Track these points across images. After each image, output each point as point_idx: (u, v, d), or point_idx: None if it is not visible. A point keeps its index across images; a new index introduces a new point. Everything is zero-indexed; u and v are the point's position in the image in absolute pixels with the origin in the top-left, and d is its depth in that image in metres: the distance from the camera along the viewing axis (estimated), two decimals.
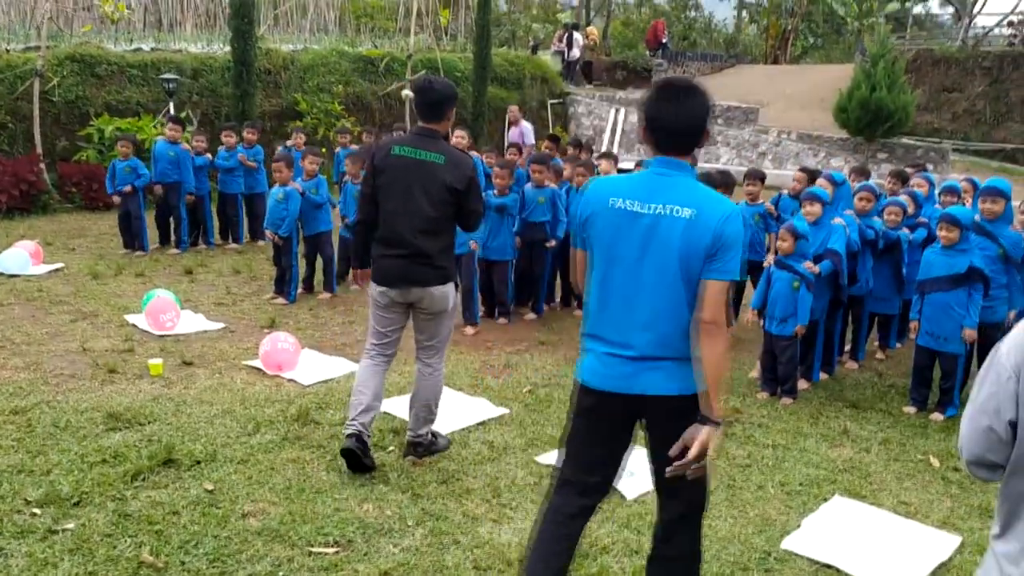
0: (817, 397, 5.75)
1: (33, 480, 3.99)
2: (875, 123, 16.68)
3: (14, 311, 6.94)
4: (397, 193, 4.05)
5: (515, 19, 34.00)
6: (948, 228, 5.33)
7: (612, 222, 2.68)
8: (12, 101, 11.71)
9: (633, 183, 2.72)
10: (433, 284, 4.12)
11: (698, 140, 2.69)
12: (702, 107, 2.67)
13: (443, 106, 4.09)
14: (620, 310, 2.69)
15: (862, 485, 4.41)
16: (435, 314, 4.23)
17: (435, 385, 4.36)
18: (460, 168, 4.06)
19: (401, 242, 4.07)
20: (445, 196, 4.03)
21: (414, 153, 4.05)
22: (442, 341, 4.36)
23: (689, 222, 2.57)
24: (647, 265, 2.63)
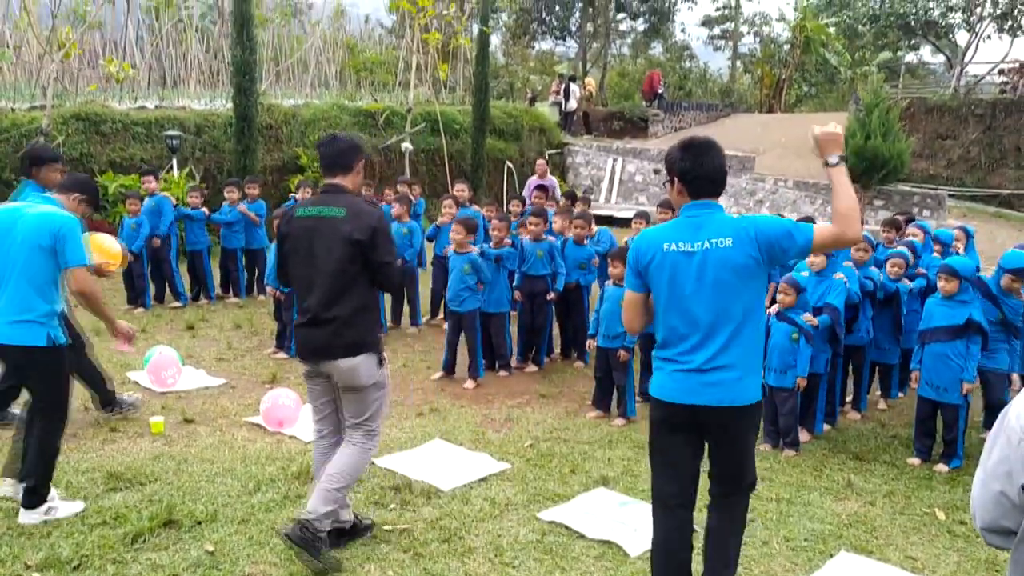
0: (820, 449, 5.72)
1: (33, 543, 3.96)
2: (871, 170, 16.84)
3: None
4: (301, 257, 3.77)
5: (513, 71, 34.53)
6: (947, 279, 5.37)
7: (670, 263, 3.14)
8: (17, 159, 11.84)
9: (678, 228, 3.19)
10: (340, 356, 3.71)
11: (724, 186, 3.22)
12: (722, 158, 3.21)
13: (346, 158, 3.83)
14: (686, 332, 3.14)
15: (868, 540, 4.37)
16: (351, 389, 3.81)
17: (352, 455, 3.82)
18: (362, 218, 3.69)
19: (307, 309, 3.77)
20: (347, 251, 3.66)
21: (316, 212, 3.76)
22: (369, 420, 3.88)
23: (733, 248, 3.07)
24: (705, 291, 3.08)
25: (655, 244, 3.19)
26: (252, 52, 13.45)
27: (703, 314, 3.10)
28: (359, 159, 3.87)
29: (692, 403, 3.14)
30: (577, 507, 4.58)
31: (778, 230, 3.08)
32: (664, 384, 3.21)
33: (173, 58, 17.17)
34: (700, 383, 3.11)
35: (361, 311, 3.76)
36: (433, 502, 4.61)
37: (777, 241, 3.05)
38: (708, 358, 3.10)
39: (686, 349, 3.15)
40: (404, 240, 8.65)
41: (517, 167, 18.71)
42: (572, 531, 4.29)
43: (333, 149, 3.83)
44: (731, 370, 3.10)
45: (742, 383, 3.12)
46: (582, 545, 4.15)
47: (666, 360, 3.22)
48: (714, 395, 3.10)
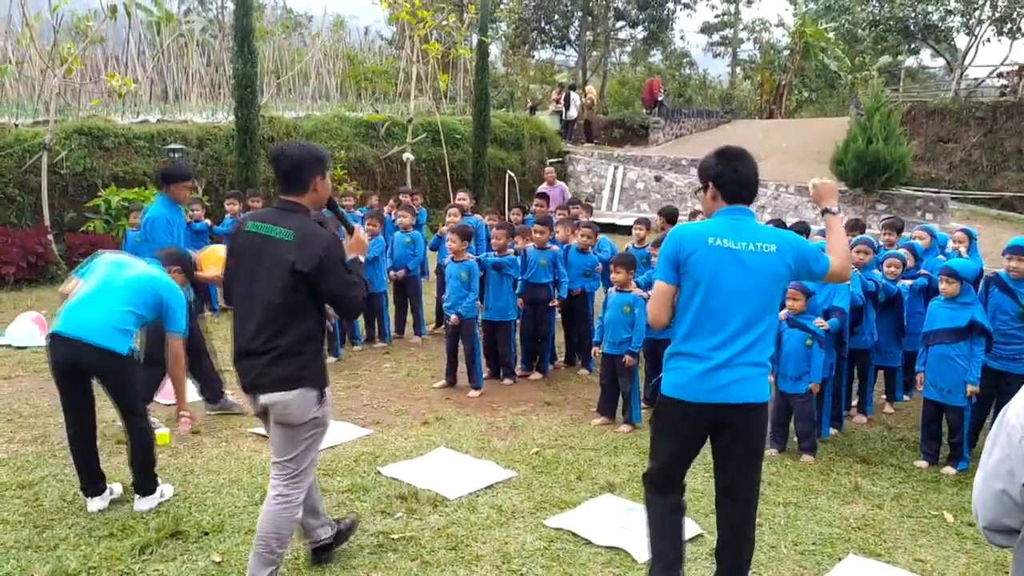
0: (827, 453, 5.71)
1: (40, 556, 3.96)
2: (873, 174, 16.85)
3: (22, 383, 6.95)
4: (243, 277, 3.43)
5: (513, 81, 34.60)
6: (948, 281, 5.37)
7: (714, 257, 3.21)
8: (20, 174, 11.89)
9: (720, 226, 3.27)
10: (273, 390, 3.36)
11: (756, 192, 3.37)
12: (755, 166, 3.36)
13: (300, 174, 3.42)
14: (716, 328, 3.22)
15: (876, 543, 4.36)
16: (283, 426, 3.45)
17: (277, 515, 3.46)
18: (309, 247, 3.29)
19: (244, 338, 3.43)
20: (288, 281, 3.29)
21: (264, 230, 3.39)
22: (295, 462, 3.48)
23: (776, 254, 3.24)
24: (745, 289, 3.20)
25: (699, 237, 3.25)
26: (253, 65, 13.50)
27: (738, 312, 3.20)
28: (314, 176, 3.42)
29: (715, 401, 3.22)
30: (584, 514, 4.57)
31: (810, 252, 3.34)
32: (682, 383, 3.28)
33: (174, 72, 17.24)
34: (724, 381, 3.20)
35: (302, 342, 3.39)
36: (439, 510, 4.61)
37: (808, 261, 3.31)
38: (734, 355, 3.20)
39: (714, 345, 3.22)
40: (407, 249, 8.68)
41: (518, 176, 18.74)
42: (579, 538, 4.28)
43: (283, 166, 3.43)
44: (753, 368, 3.23)
45: (761, 381, 3.27)
46: (589, 552, 4.14)
47: (688, 355, 3.27)
48: (738, 392, 3.21)
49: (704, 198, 3.38)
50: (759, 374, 3.26)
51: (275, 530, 3.46)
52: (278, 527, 3.46)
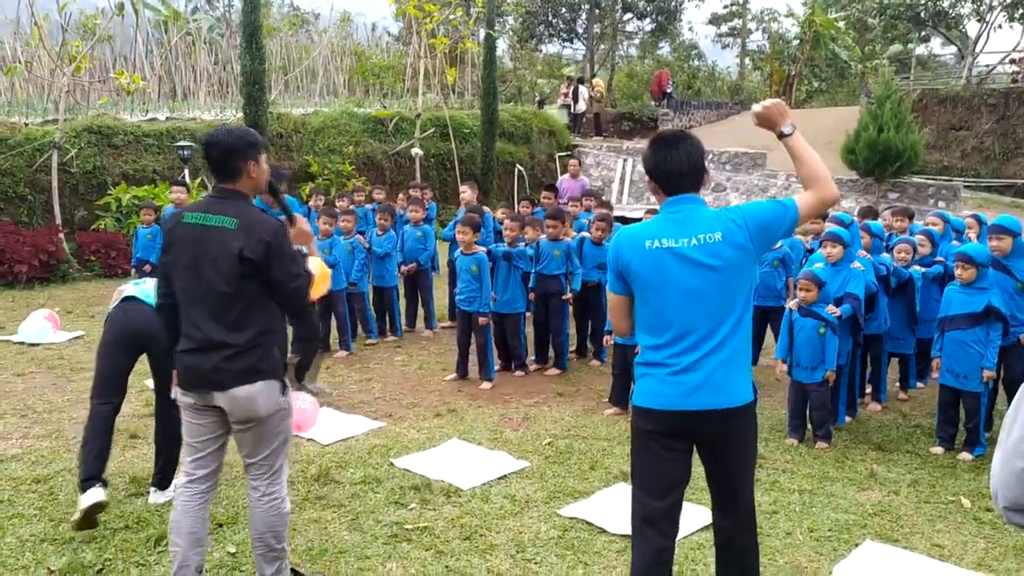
0: (842, 440, 5.67)
1: (56, 549, 3.97)
2: (884, 163, 16.71)
3: (35, 379, 6.98)
4: (184, 271, 3.24)
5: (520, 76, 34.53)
6: (963, 266, 5.32)
7: (654, 261, 2.94)
8: (31, 173, 11.96)
9: (658, 226, 2.99)
10: (233, 384, 3.20)
11: (699, 180, 3.00)
12: (692, 151, 2.98)
13: (231, 161, 3.26)
14: (678, 335, 2.93)
15: (893, 529, 4.33)
16: (248, 423, 3.28)
17: (268, 515, 3.37)
18: (255, 233, 3.16)
19: (193, 332, 3.24)
20: (237, 269, 3.15)
21: (203, 219, 3.22)
22: (271, 458, 3.37)
23: (723, 242, 2.89)
24: (697, 289, 2.89)
25: (635, 243, 2.98)
26: (261, 62, 13.53)
27: (694, 314, 2.90)
28: (247, 160, 3.26)
29: (687, 408, 2.92)
30: (597, 503, 4.56)
31: (767, 212, 2.95)
32: (653, 391, 2.98)
33: (182, 70, 17.29)
34: (694, 386, 2.90)
35: (261, 335, 3.25)
36: (453, 501, 4.60)
37: (768, 223, 2.93)
38: (700, 359, 2.90)
39: (677, 352, 2.93)
40: (418, 243, 8.67)
41: (527, 170, 18.71)
42: (593, 526, 4.27)
43: (212, 154, 3.28)
44: (726, 371, 2.92)
45: (737, 383, 2.94)
46: (604, 540, 4.13)
47: (654, 365, 2.99)
48: (710, 398, 2.91)
49: (650, 190, 3.11)
50: (735, 376, 2.94)
51: (269, 529, 3.39)
52: (271, 526, 3.39)
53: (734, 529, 3.11)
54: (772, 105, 3.06)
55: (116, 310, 4.44)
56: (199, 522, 3.37)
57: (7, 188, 11.81)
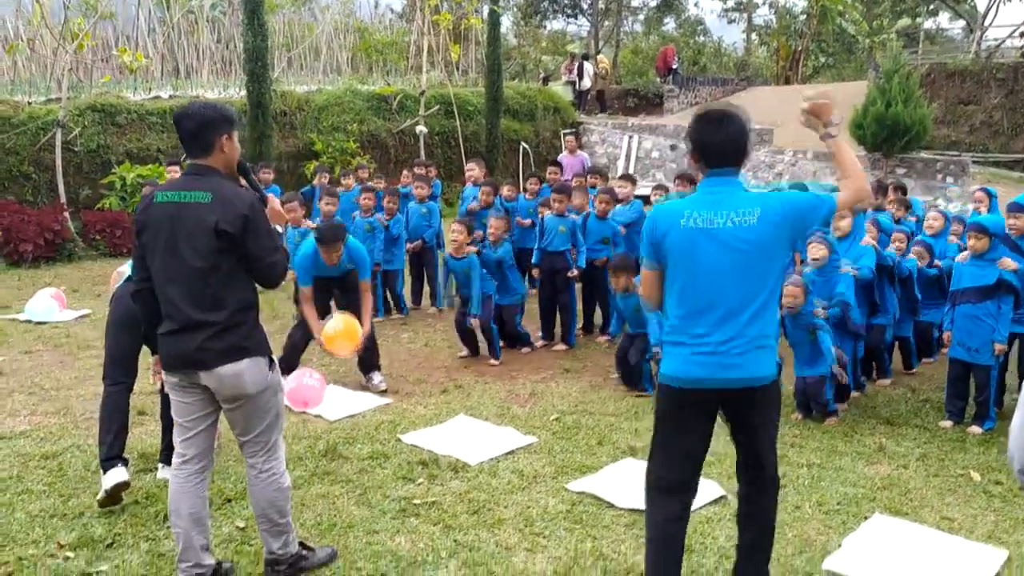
0: (850, 415, 5.65)
1: (66, 524, 3.99)
2: (892, 138, 16.60)
3: (43, 357, 6.99)
4: (161, 251, 3.17)
5: (524, 52, 34.31)
6: (977, 237, 5.27)
7: (689, 239, 2.98)
8: (35, 152, 11.92)
9: (696, 202, 3.04)
10: (217, 363, 3.15)
11: (741, 157, 3.06)
12: (740, 128, 3.04)
13: (205, 135, 3.20)
14: (706, 312, 2.98)
15: (902, 502, 4.31)
16: (236, 401, 3.25)
17: (268, 491, 3.35)
18: (231, 206, 3.11)
19: (173, 313, 3.19)
20: (214, 243, 3.10)
21: (177, 197, 3.17)
22: (265, 435, 3.34)
23: (758, 224, 2.94)
24: (729, 268, 2.94)
25: (671, 218, 3.03)
26: (264, 39, 13.42)
27: (725, 293, 2.95)
28: (219, 135, 3.20)
29: (713, 385, 2.99)
30: (605, 477, 4.55)
31: (805, 203, 3.05)
32: (680, 367, 3.03)
33: (185, 48, 17.18)
34: (721, 363, 2.96)
35: (241, 311, 3.21)
36: (460, 476, 4.60)
37: (805, 214, 3.02)
38: (729, 337, 2.95)
39: (705, 329, 2.98)
40: (423, 220, 8.63)
41: (532, 147, 18.61)
42: (601, 501, 4.26)
43: (186, 127, 3.21)
44: (752, 349, 2.97)
45: (762, 361, 3.00)
46: (612, 514, 4.12)
47: (680, 343, 3.04)
48: (736, 374, 2.96)
49: (691, 164, 3.22)
50: (759, 353, 2.99)
51: (271, 504, 3.37)
52: (272, 501, 3.37)
53: (757, 494, 3.20)
54: (823, 102, 3.14)
55: (121, 290, 4.43)
56: (198, 501, 3.35)
57: (11, 167, 11.78)
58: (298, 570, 3.50)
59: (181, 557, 3.33)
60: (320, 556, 3.60)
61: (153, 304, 3.27)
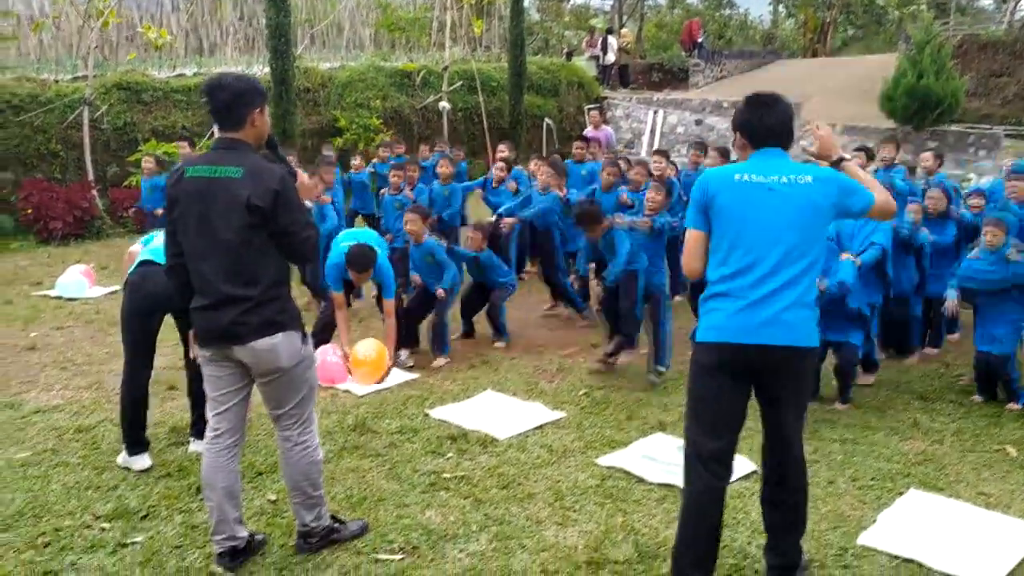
0: (883, 390, 5.58)
1: (101, 495, 4.03)
2: (924, 111, 16.29)
3: (74, 333, 7.06)
4: (193, 226, 3.15)
5: (547, 27, 34.00)
6: (994, 233, 5.15)
7: (743, 192, 3.00)
8: (63, 130, 11.99)
9: (748, 165, 3.06)
10: (252, 337, 3.14)
11: (788, 139, 3.10)
12: (786, 113, 3.11)
13: (238, 108, 3.15)
14: (753, 265, 2.96)
15: (938, 477, 4.26)
16: (270, 375, 3.25)
17: (302, 464, 3.38)
18: (262, 180, 3.08)
19: (206, 288, 3.17)
20: (246, 218, 3.07)
21: (208, 172, 3.13)
22: (300, 407, 3.35)
23: (813, 184, 2.98)
24: (780, 223, 2.94)
25: (724, 176, 3.07)
26: (287, 15, 13.36)
27: (774, 247, 2.94)
28: (251, 110, 3.16)
29: (752, 342, 2.93)
30: (635, 452, 4.53)
31: (849, 185, 3.06)
32: (718, 325, 3.00)
33: (208, 25, 17.19)
34: (762, 321, 2.91)
35: (274, 285, 3.19)
36: (490, 450, 4.59)
37: (851, 193, 3.03)
38: (773, 293, 2.92)
39: (750, 283, 2.95)
40: (445, 201, 8.48)
41: (556, 123, 18.47)
42: (631, 475, 4.24)
43: (219, 98, 3.14)
44: (796, 309, 2.93)
45: (804, 324, 2.96)
46: (642, 489, 4.10)
47: (723, 296, 3.00)
48: (778, 334, 2.92)
49: (735, 145, 3.23)
50: (804, 317, 2.95)
51: (304, 477, 3.39)
52: (306, 474, 3.39)
53: (784, 476, 3.15)
54: (826, 135, 3.22)
55: (135, 276, 4.36)
56: (231, 476, 3.35)
57: (40, 145, 11.87)
58: (330, 542, 3.52)
59: (215, 530, 3.35)
60: (352, 529, 3.62)
61: (186, 279, 3.25)
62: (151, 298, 4.27)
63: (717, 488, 3.07)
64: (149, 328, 4.37)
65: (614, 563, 3.42)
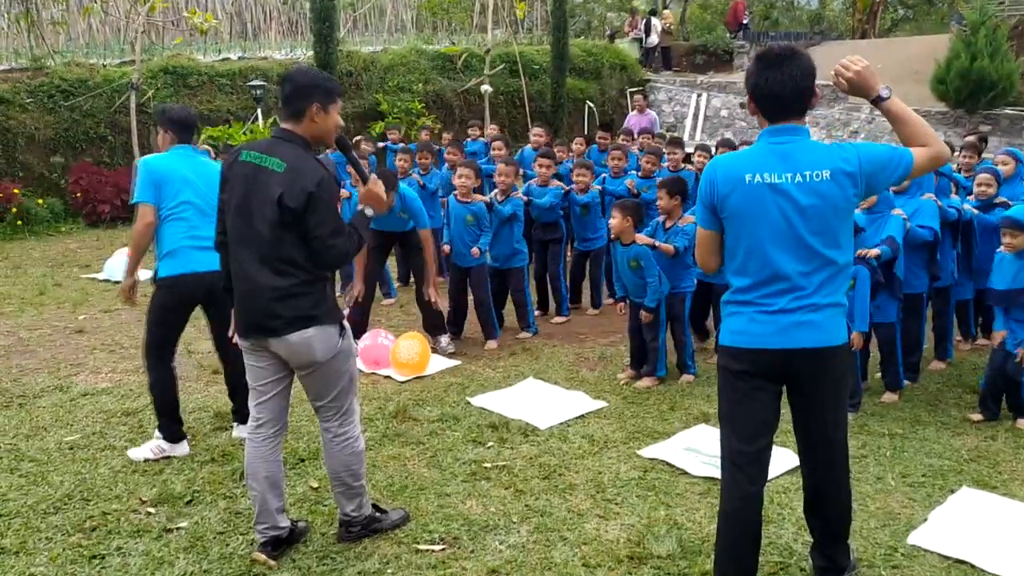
0: (934, 383, 5.44)
1: (147, 480, 4.08)
2: (977, 94, 15.83)
3: (121, 316, 7.18)
4: (233, 211, 3.16)
5: (590, 9, 33.66)
6: (1012, 234, 4.71)
7: (755, 198, 2.75)
8: (111, 114, 12.18)
9: (759, 156, 2.78)
10: (287, 331, 3.13)
11: (805, 104, 2.77)
12: (802, 71, 2.73)
13: (297, 100, 3.13)
14: (772, 276, 2.77)
15: (991, 475, 4.13)
16: (306, 368, 3.24)
17: (343, 455, 3.37)
18: (299, 180, 3.02)
19: (243, 276, 3.16)
20: (277, 216, 3.04)
21: (258, 160, 3.11)
22: (339, 400, 3.33)
23: (831, 181, 2.70)
24: (798, 231, 2.72)
25: (734, 175, 2.77)
26: None
27: (793, 256, 2.73)
28: (311, 103, 3.12)
29: (778, 347, 2.78)
30: (678, 444, 4.47)
31: (883, 155, 2.75)
32: (743, 329, 2.85)
33: (252, 9, 17.30)
34: (789, 325, 2.76)
35: (310, 282, 3.15)
36: (531, 440, 4.57)
37: (883, 168, 2.75)
38: (798, 299, 2.75)
39: (771, 292, 2.78)
40: None
41: (597, 106, 18.30)
42: (675, 468, 4.18)
43: (284, 89, 3.18)
44: (823, 310, 2.77)
45: (832, 322, 2.79)
46: (686, 482, 4.05)
47: (746, 304, 2.84)
48: (806, 336, 2.76)
49: (750, 110, 2.90)
50: (828, 316, 2.77)
51: (345, 469, 3.39)
52: (347, 465, 3.39)
53: (825, 477, 3.01)
54: (862, 67, 2.80)
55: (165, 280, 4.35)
56: (274, 465, 3.36)
57: (88, 129, 12.08)
58: (371, 531, 3.53)
59: (258, 519, 3.37)
60: (393, 518, 3.62)
61: (229, 269, 3.28)
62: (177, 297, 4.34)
63: (754, 493, 2.93)
64: (174, 325, 4.41)
65: (656, 558, 3.37)
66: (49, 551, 3.46)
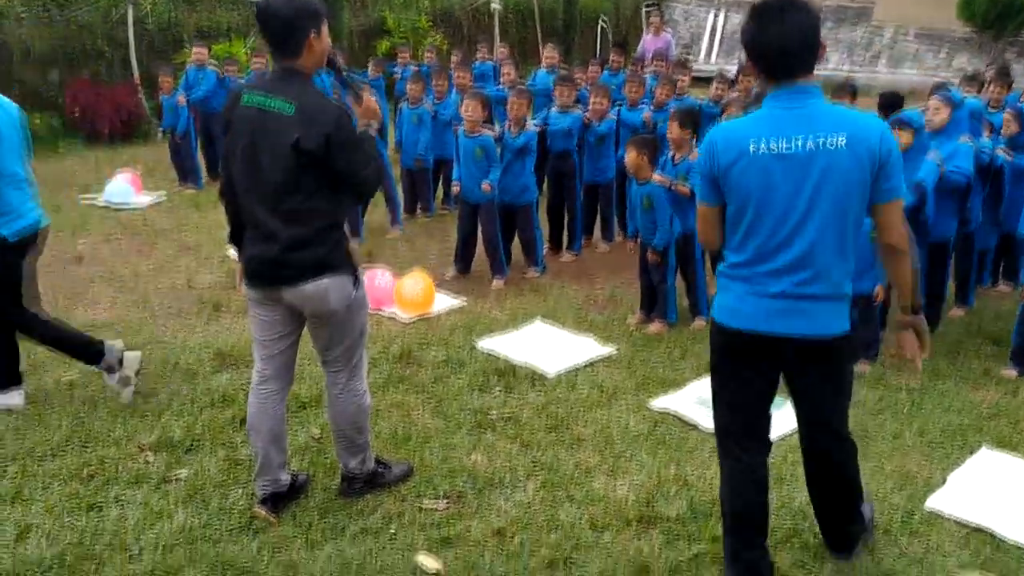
0: (955, 331, 5.29)
1: (146, 424, 3.99)
2: (1005, 16, 15.24)
3: (121, 244, 7.04)
4: (241, 158, 2.98)
5: None
6: None
7: (760, 169, 2.49)
8: (108, 28, 11.78)
9: (765, 123, 2.52)
10: (301, 280, 2.99)
11: (810, 60, 2.50)
12: (804, 23, 2.47)
13: (294, 35, 2.89)
14: (774, 253, 2.55)
15: (1012, 434, 4.02)
16: (321, 318, 3.13)
17: (348, 410, 3.28)
18: (316, 122, 2.87)
19: (255, 224, 3.02)
20: (292, 160, 2.88)
21: (262, 102, 2.92)
22: (349, 352, 3.22)
23: (846, 150, 2.44)
24: (807, 203, 2.48)
25: (737, 143, 2.51)
26: None
27: (799, 232, 2.49)
28: (307, 35, 2.89)
29: (770, 331, 2.58)
30: (689, 396, 4.35)
31: (891, 165, 2.47)
32: (734, 307, 2.65)
33: None
34: (784, 309, 2.55)
35: (325, 229, 3.02)
36: (538, 388, 4.46)
37: (887, 166, 2.46)
38: (797, 283, 2.53)
39: (769, 270, 2.55)
40: None
41: (612, 25, 17.69)
42: (685, 422, 4.08)
43: (272, 26, 2.90)
44: (823, 298, 2.55)
45: (830, 311, 2.58)
46: (697, 437, 3.95)
47: (742, 280, 2.62)
48: (799, 324, 2.56)
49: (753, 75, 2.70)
50: (827, 303, 2.56)
51: (350, 423, 3.30)
52: (353, 419, 3.30)
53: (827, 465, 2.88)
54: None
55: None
56: (276, 420, 3.25)
57: (85, 42, 11.69)
58: (375, 486, 3.45)
59: (258, 473, 3.28)
60: (396, 472, 3.53)
61: (236, 207, 3.11)
62: None
63: (755, 464, 2.79)
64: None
65: (666, 520, 3.29)
66: (45, 500, 3.39)
